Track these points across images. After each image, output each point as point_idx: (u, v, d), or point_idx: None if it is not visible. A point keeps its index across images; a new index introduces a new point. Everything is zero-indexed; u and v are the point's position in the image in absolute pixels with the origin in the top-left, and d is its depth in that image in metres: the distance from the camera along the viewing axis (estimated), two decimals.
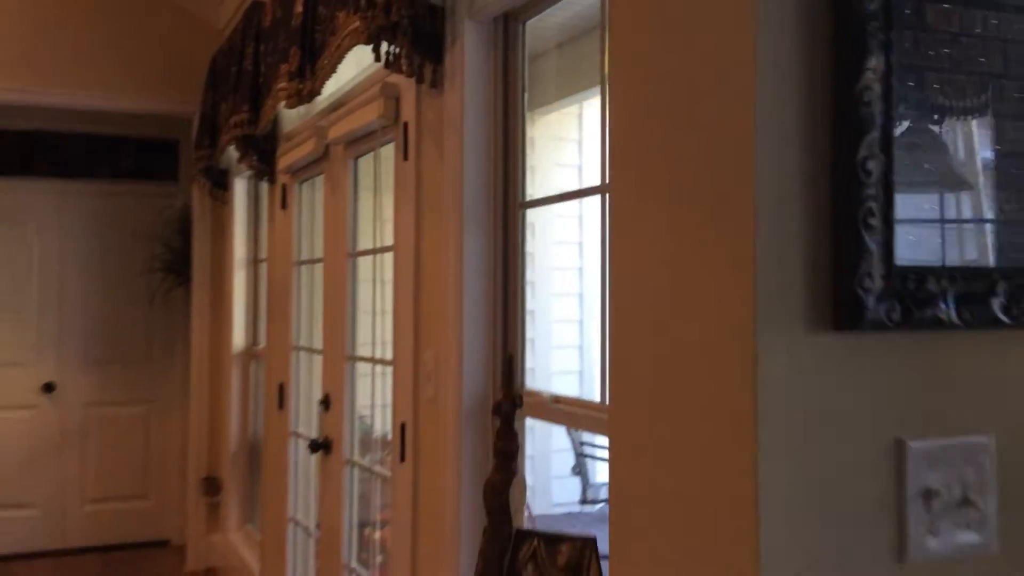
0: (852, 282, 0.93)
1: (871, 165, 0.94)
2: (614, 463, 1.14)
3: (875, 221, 0.94)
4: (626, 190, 1.12)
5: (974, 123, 1.00)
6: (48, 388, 5.54)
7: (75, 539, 5.54)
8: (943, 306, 0.96)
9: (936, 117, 0.98)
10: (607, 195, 1.17)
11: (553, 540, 1.58)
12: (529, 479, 2.16)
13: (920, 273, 0.96)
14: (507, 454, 1.81)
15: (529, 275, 2.39)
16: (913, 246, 0.96)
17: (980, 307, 0.98)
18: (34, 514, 5.50)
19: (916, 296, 0.95)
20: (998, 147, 1.01)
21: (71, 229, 5.63)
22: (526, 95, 2.36)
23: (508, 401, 1.92)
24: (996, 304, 0.98)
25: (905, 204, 0.96)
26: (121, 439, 5.67)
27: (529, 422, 2.24)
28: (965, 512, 0.97)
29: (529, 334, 2.36)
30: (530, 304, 2.34)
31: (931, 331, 0.97)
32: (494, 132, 2.35)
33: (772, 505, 0.91)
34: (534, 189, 2.36)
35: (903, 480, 0.96)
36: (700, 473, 0.98)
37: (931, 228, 0.98)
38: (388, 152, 2.94)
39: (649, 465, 1.07)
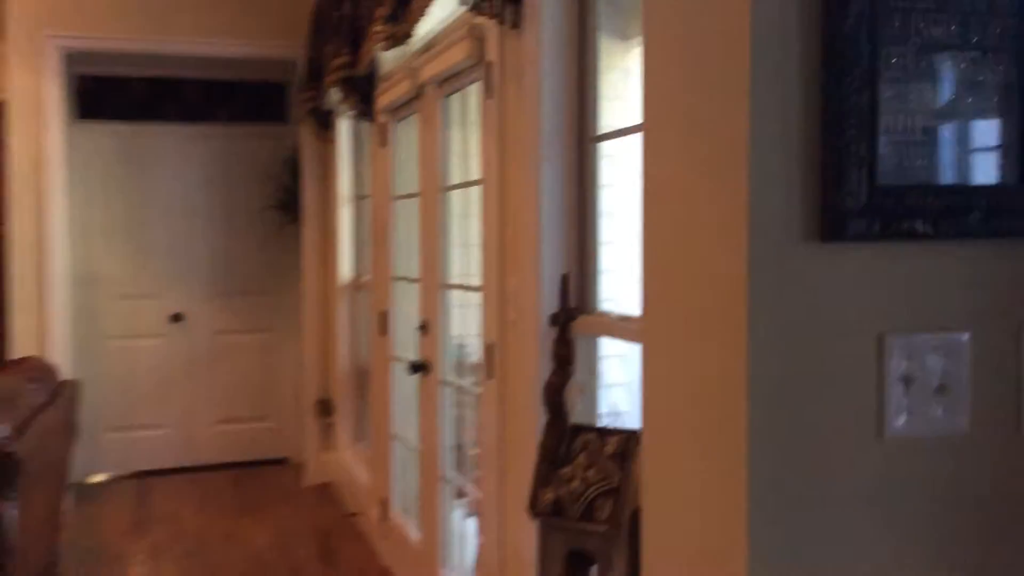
0: (836, 200, 1.07)
1: (856, 99, 1.07)
2: (645, 365, 1.31)
3: (858, 147, 1.07)
4: (653, 126, 1.28)
5: (958, 57, 1.11)
6: (176, 318, 6.00)
7: (205, 456, 6.04)
8: (922, 221, 1.09)
9: (920, 53, 1.10)
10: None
11: (603, 433, 1.79)
12: (625, 405, 2.38)
13: (900, 191, 1.09)
14: (563, 359, 2.01)
15: (606, 206, 2.54)
16: (895, 168, 1.09)
17: (957, 221, 1.10)
18: (168, 433, 6.02)
19: (896, 212, 1.09)
20: (980, 79, 1.12)
21: (194, 170, 6.03)
22: (600, 33, 2.49)
23: (563, 313, 2.12)
24: (973, 219, 1.11)
25: (889, 131, 1.08)
26: (243, 365, 6.12)
27: (622, 350, 2.41)
28: (940, 398, 1.11)
29: (605, 262, 2.52)
30: (608, 234, 2.49)
31: (910, 242, 1.10)
32: (570, 69, 2.49)
33: (763, 388, 1.07)
34: (614, 121, 2.49)
35: (883, 369, 1.10)
36: (703, 365, 1.15)
37: (913, 151, 1.10)
38: (474, 90, 3.12)
39: (667, 363, 1.24)
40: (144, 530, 4.85)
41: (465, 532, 3.45)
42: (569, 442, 1.82)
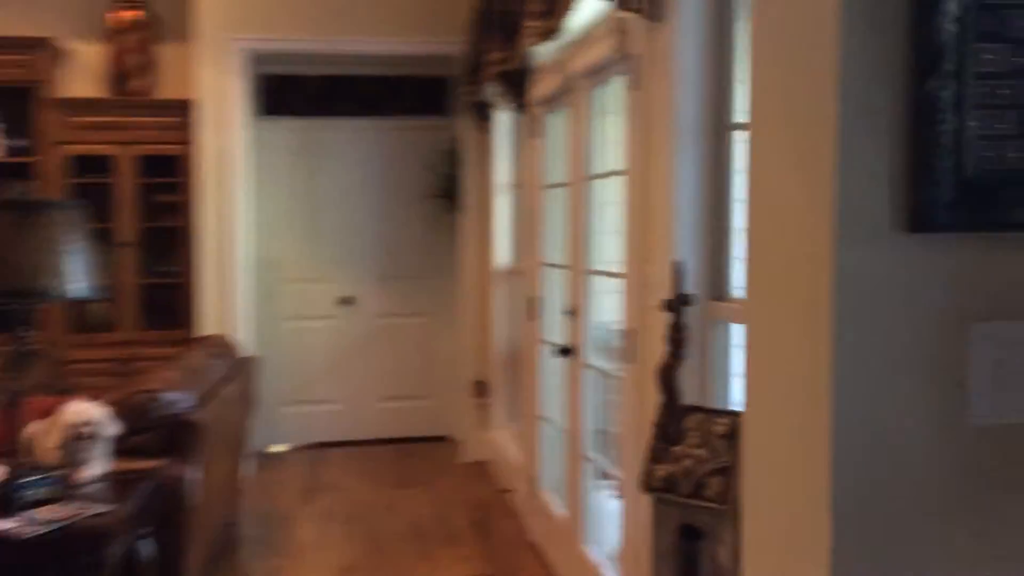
0: (924, 192, 1.11)
1: (945, 93, 1.10)
2: (747, 348, 1.38)
3: (947, 141, 1.10)
4: (757, 121, 1.34)
5: None
6: (346, 301, 6.38)
7: (370, 431, 6.40)
8: (1011, 212, 1.11)
9: (1014, 48, 1.11)
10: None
11: (714, 413, 1.85)
12: None
13: (990, 184, 1.11)
14: (676, 342, 2.08)
15: (741, 192, 2.58)
16: (986, 161, 1.11)
17: None
18: (338, 408, 6.42)
19: (985, 203, 1.11)
20: None
21: (363, 161, 6.37)
22: (737, 22, 2.53)
23: (677, 299, 2.20)
24: None
25: (979, 125, 1.11)
26: (406, 346, 6.43)
27: None
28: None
29: (738, 249, 2.56)
30: (742, 220, 2.53)
31: (998, 233, 1.12)
32: (708, 58, 2.54)
33: (848, 373, 1.12)
34: None
35: (970, 356, 1.13)
36: (792, 349, 1.21)
37: (1006, 145, 1.12)
38: (617, 83, 3.20)
39: (764, 346, 1.31)
40: (314, 496, 5.22)
41: (610, 512, 3.55)
42: (681, 421, 1.89)
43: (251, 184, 5.83)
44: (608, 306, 3.50)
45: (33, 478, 2.51)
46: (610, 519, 3.51)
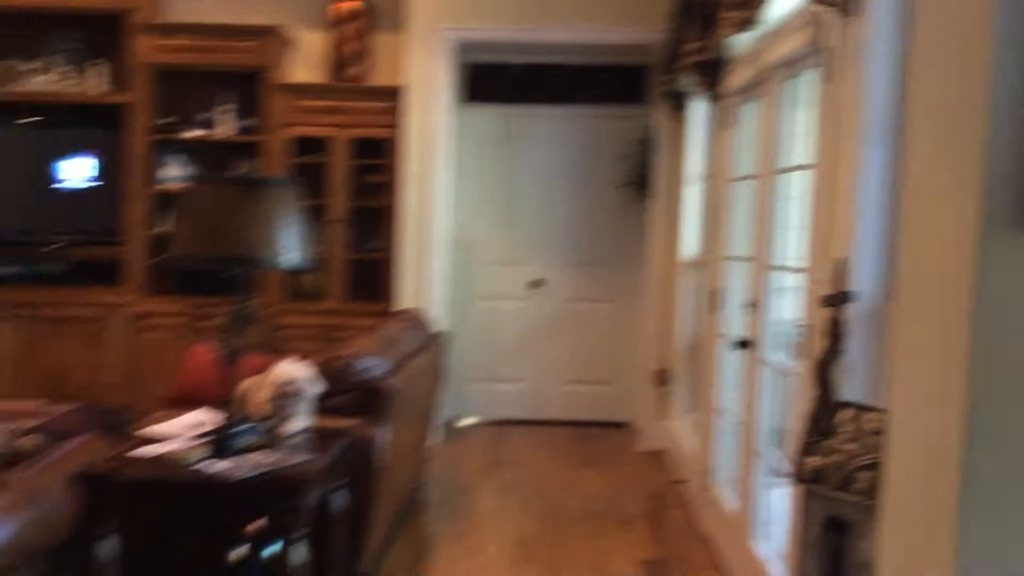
0: None
1: None
2: (898, 336, 1.40)
3: None
4: (915, 126, 1.35)
5: None
6: (536, 284, 6.58)
7: (553, 412, 6.58)
8: None
9: None
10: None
11: (865, 409, 1.84)
12: None
13: None
14: (835, 338, 2.07)
15: None
16: None
17: None
18: (524, 387, 6.64)
19: None
20: None
21: (557, 148, 6.53)
22: None
23: (837, 296, 2.18)
24: None
25: None
26: (591, 332, 6.56)
27: None
28: None
29: None
30: None
31: None
32: (901, 53, 2.49)
33: (983, 369, 1.13)
34: None
35: None
36: (932, 344, 1.23)
37: None
38: (809, 75, 3.16)
39: (908, 340, 1.32)
40: (496, 470, 5.45)
41: (781, 509, 3.53)
42: (834, 416, 1.90)
43: (452, 168, 6.12)
44: (788, 302, 3.47)
45: (245, 427, 2.81)
46: (781, 516, 3.49)
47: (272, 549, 2.87)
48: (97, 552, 2.50)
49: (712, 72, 4.44)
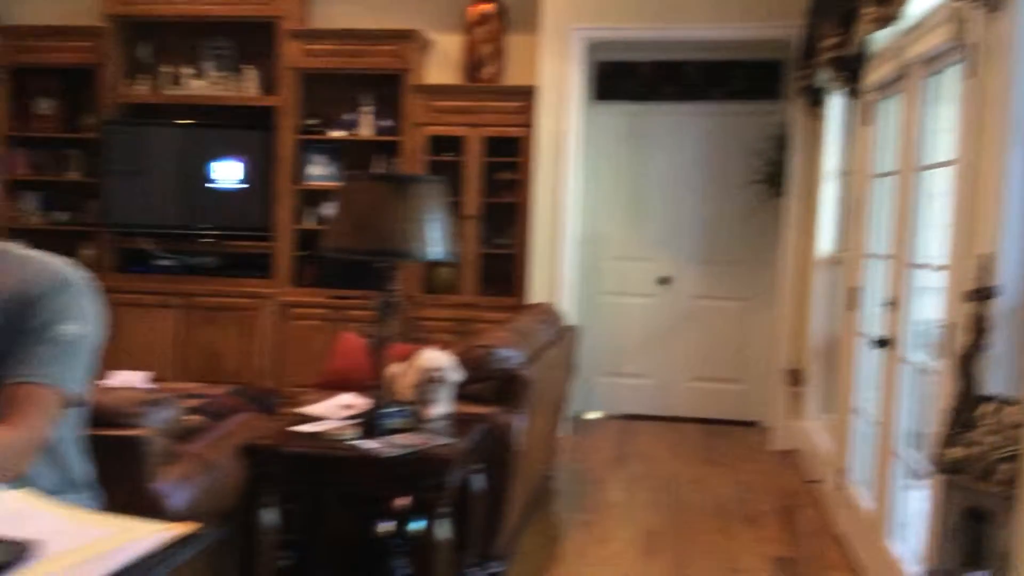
0: None
1: None
2: None
3: None
4: None
5: None
6: (663, 281, 6.60)
7: (679, 409, 6.59)
8: None
9: None
10: None
11: (1007, 402, 1.83)
12: None
13: None
14: (979, 332, 2.06)
15: None
16: None
17: None
18: (649, 383, 6.67)
19: None
20: None
21: (686, 145, 6.54)
22: None
23: (981, 291, 2.17)
24: None
25: None
26: (720, 329, 6.54)
27: None
28: None
29: None
30: None
31: None
32: None
33: None
34: None
35: None
36: None
37: None
38: (952, 71, 3.11)
39: None
40: (624, 463, 5.51)
41: (918, 511, 3.48)
42: (975, 409, 1.90)
43: (582, 165, 6.21)
44: (929, 301, 3.41)
45: (392, 410, 2.98)
46: (917, 518, 3.44)
47: (416, 525, 3.04)
48: (260, 519, 2.70)
49: (851, 67, 4.39)
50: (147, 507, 2.46)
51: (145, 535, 1.22)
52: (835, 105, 5.20)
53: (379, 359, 3.01)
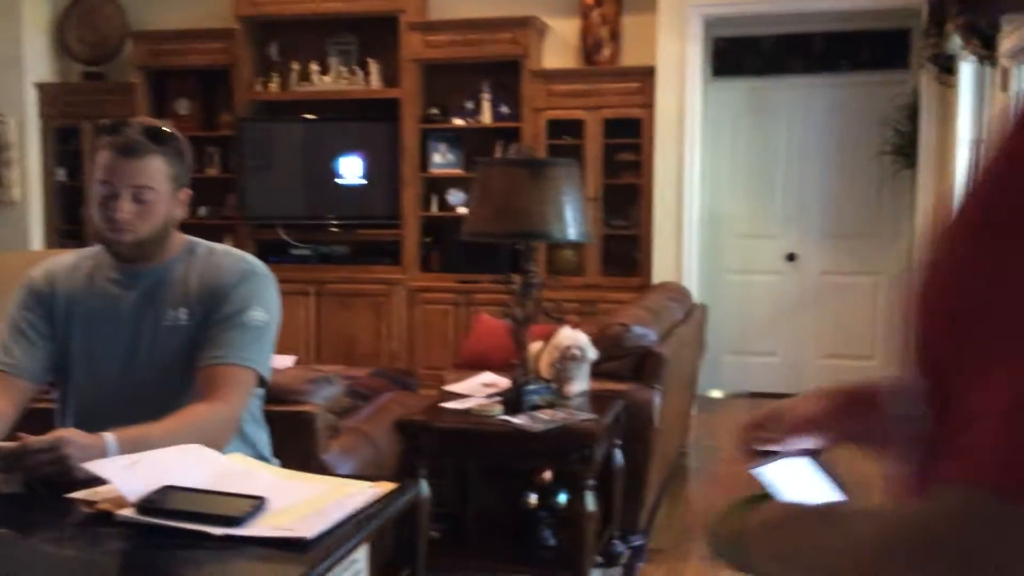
0: None
1: None
2: None
3: None
4: None
5: None
6: (790, 257, 6.52)
7: (808, 385, 6.46)
8: None
9: None
10: None
11: None
12: None
13: None
14: None
15: None
16: None
17: None
18: (777, 361, 6.61)
19: None
20: None
21: (813, 118, 6.42)
22: None
23: None
24: None
25: None
26: (849, 305, 6.42)
27: None
28: None
29: None
30: None
31: None
32: None
33: None
34: None
35: None
36: None
37: None
38: None
39: None
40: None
41: None
42: None
43: (702, 143, 6.18)
44: None
45: (534, 387, 3.08)
46: None
47: (561, 497, 3.14)
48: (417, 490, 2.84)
49: (985, 34, 4.24)
50: None
51: (357, 492, 1.34)
52: (968, 72, 5.04)
53: (521, 338, 3.11)
